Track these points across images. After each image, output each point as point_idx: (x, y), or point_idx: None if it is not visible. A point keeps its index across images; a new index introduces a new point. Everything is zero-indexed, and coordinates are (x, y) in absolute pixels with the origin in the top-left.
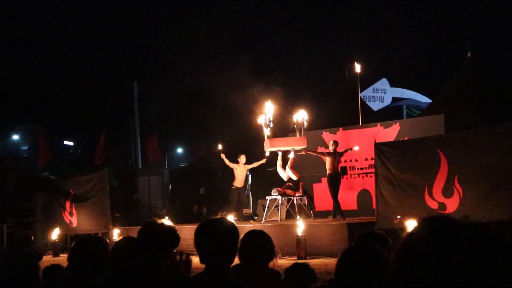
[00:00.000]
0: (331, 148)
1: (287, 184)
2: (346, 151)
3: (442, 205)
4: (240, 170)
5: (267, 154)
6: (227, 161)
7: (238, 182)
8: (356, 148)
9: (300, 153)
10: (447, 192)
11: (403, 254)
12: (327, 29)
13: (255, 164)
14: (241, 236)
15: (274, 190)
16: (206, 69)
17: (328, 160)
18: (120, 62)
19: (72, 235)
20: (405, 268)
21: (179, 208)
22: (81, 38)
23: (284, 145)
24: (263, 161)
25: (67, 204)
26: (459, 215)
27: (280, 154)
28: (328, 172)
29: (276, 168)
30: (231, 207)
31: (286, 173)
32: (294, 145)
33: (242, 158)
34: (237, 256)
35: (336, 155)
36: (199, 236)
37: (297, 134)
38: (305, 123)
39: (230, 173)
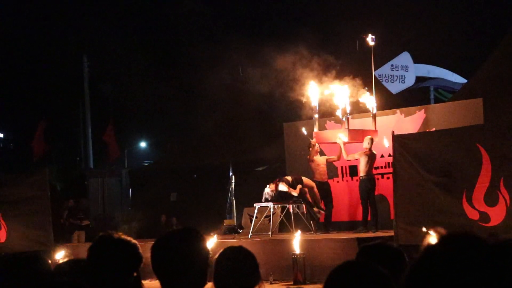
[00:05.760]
0: (367, 146)
1: (281, 177)
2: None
3: (485, 216)
4: (317, 162)
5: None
6: (312, 153)
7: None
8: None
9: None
10: (491, 198)
11: (420, 270)
12: None
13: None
14: (216, 255)
15: (268, 186)
16: (179, 36)
17: (363, 161)
18: (65, 29)
19: (1, 254)
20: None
21: (143, 219)
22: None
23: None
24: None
25: None
26: (505, 228)
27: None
28: (362, 175)
29: (265, 168)
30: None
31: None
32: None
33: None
34: (212, 281)
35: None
36: (156, 254)
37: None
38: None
39: (210, 175)
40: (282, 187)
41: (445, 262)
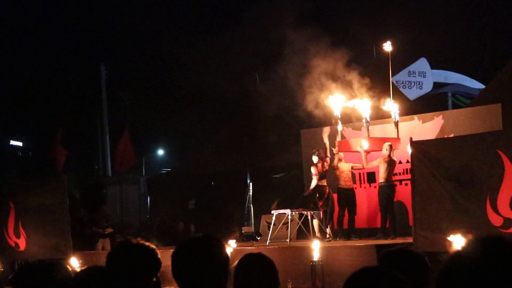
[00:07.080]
0: (386, 153)
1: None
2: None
3: (508, 222)
4: (342, 169)
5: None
6: (336, 161)
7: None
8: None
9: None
10: None
11: (449, 275)
12: None
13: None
14: (236, 261)
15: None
16: (195, 46)
17: (382, 168)
18: (83, 38)
19: (21, 262)
20: None
21: (161, 226)
22: (31, 8)
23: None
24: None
25: (11, 221)
26: None
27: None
28: (381, 181)
29: (283, 175)
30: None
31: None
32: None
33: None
34: None
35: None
36: (177, 261)
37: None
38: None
39: (227, 182)
40: (315, 158)
41: (475, 266)
